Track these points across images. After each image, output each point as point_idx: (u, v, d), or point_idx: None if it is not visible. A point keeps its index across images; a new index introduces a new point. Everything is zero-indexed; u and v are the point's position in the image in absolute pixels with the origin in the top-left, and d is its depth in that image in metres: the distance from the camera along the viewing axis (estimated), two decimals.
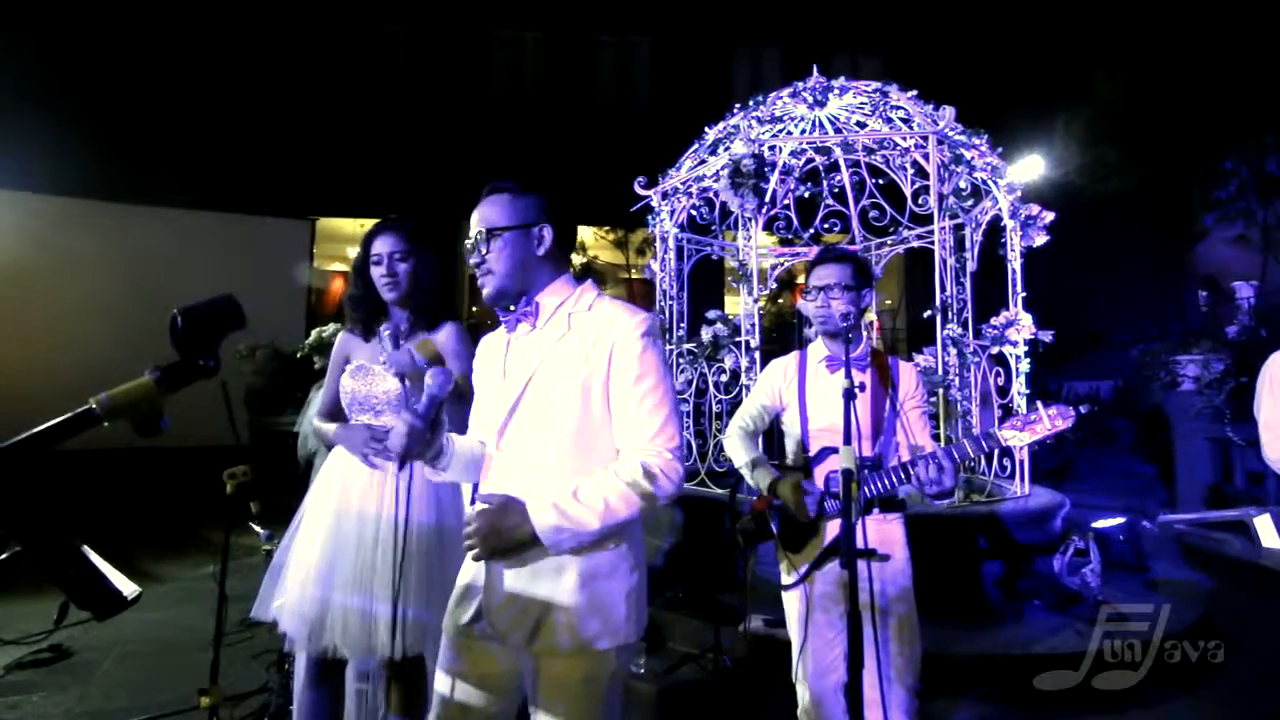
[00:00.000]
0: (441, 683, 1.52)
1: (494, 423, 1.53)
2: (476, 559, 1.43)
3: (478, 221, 1.55)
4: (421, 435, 1.44)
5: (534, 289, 1.55)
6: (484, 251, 1.52)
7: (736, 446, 2.29)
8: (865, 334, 2.23)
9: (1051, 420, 1.88)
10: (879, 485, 2.02)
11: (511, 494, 1.45)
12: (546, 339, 1.52)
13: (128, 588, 0.98)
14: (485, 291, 1.55)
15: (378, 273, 2.08)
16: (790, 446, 2.29)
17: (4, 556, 0.92)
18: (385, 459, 1.97)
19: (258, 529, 3.03)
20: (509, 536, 1.39)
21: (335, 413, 2.19)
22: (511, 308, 1.56)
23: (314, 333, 4.16)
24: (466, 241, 1.56)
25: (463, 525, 2.15)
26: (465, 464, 1.56)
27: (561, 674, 1.42)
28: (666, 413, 1.44)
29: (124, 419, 0.85)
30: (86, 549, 1.00)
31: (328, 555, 1.99)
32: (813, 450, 2.15)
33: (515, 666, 1.49)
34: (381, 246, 2.09)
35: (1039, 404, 1.91)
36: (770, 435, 2.48)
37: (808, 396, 2.20)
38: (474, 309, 10.43)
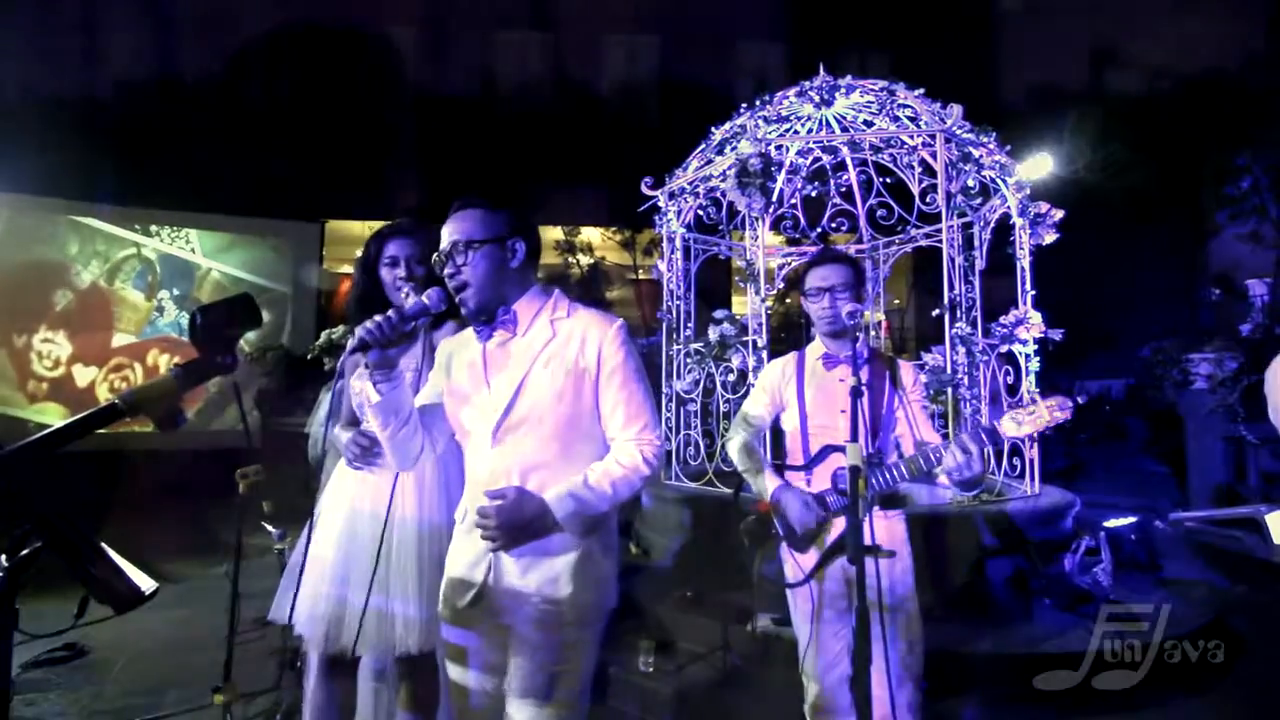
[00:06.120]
0: (448, 668, 1.65)
1: (487, 425, 1.59)
2: (498, 549, 1.54)
3: (450, 234, 1.59)
4: (393, 328, 1.54)
5: (510, 299, 1.61)
6: (459, 263, 1.57)
7: (738, 450, 2.30)
8: (862, 334, 2.24)
9: (1050, 412, 1.86)
10: (880, 481, 2.03)
11: (516, 486, 1.55)
12: (532, 344, 1.59)
13: (145, 583, 1.00)
14: (466, 306, 1.60)
15: (393, 275, 2.07)
16: (790, 446, 2.29)
17: (25, 552, 0.94)
18: (368, 463, 2.03)
19: (270, 529, 3.07)
20: (530, 527, 1.51)
21: (353, 415, 2.20)
22: (485, 318, 1.61)
23: (324, 335, 4.18)
24: (437, 254, 1.60)
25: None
26: (405, 420, 1.62)
27: (555, 642, 1.54)
28: (650, 405, 1.63)
29: (145, 414, 0.87)
30: (104, 545, 1.03)
31: (343, 555, 2.01)
32: (813, 449, 2.16)
33: (507, 646, 1.59)
34: (399, 250, 2.08)
35: (1037, 395, 1.90)
36: (775, 433, 2.48)
37: (806, 396, 2.21)
38: None
